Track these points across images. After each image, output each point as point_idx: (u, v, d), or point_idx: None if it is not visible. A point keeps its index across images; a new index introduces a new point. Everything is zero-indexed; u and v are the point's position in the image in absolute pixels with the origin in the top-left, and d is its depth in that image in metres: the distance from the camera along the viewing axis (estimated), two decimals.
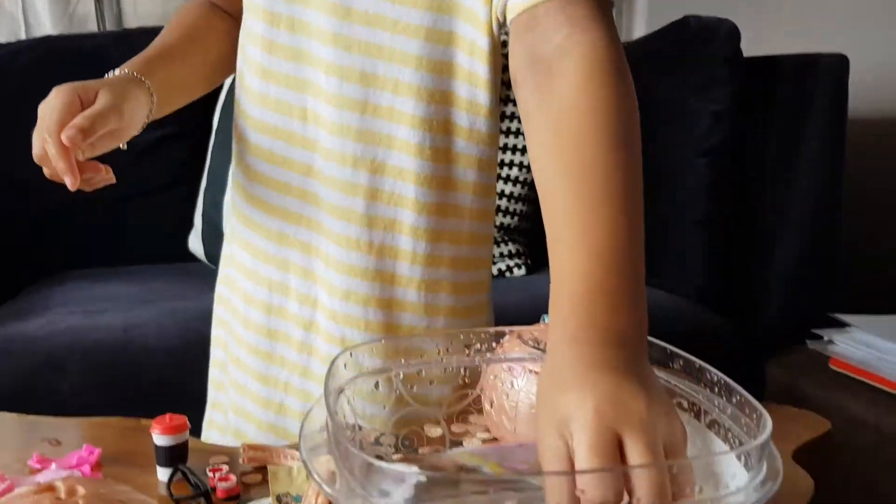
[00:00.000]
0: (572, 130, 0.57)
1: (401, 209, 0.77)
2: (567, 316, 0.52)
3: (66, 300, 1.47)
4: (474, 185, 0.79)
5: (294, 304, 0.82)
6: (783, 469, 0.45)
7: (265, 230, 0.83)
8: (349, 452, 0.45)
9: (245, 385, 0.86)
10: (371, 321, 0.79)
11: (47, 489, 0.52)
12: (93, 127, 0.68)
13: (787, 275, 1.54)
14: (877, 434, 1.22)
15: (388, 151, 0.76)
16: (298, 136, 0.79)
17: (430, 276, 0.79)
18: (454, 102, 0.76)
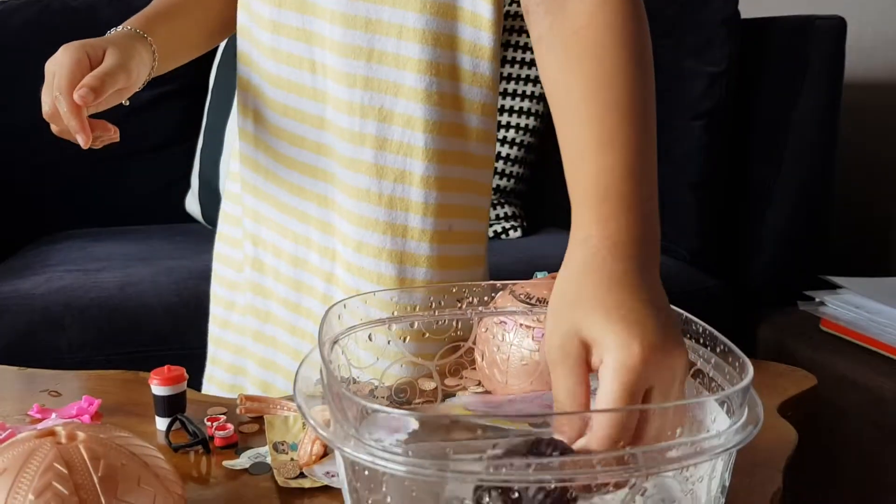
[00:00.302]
0: (589, 45, 0.57)
1: (410, 158, 0.78)
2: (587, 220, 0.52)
3: (63, 259, 1.48)
4: (477, 131, 0.79)
5: (315, 256, 0.84)
6: (768, 421, 0.46)
7: (286, 183, 0.84)
8: (344, 397, 0.46)
9: (275, 337, 0.87)
10: (384, 274, 0.80)
11: (48, 434, 0.54)
12: (103, 86, 0.69)
13: (780, 237, 1.55)
14: (865, 394, 1.24)
15: (396, 99, 0.77)
16: (309, 89, 0.80)
17: (441, 227, 0.80)
18: (458, 46, 0.77)
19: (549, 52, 0.59)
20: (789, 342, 1.41)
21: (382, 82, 0.77)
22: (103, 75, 0.70)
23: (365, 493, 0.45)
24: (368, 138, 0.78)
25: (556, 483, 0.40)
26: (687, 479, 0.44)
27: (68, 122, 0.69)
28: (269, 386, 0.88)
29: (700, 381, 0.52)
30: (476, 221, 0.83)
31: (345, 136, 0.78)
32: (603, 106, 0.55)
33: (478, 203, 0.83)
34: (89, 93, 0.67)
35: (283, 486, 0.60)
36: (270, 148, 0.85)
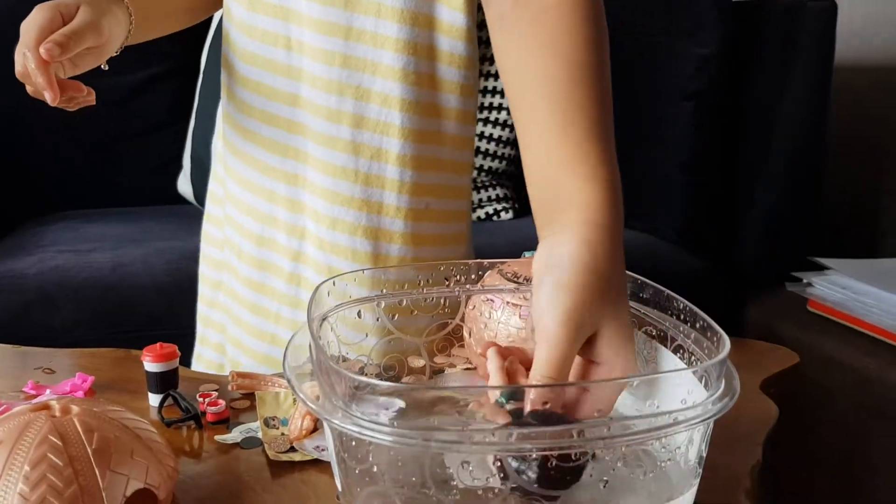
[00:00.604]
0: (559, 25, 0.58)
1: (386, 137, 0.79)
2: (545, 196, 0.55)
3: (56, 240, 1.48)
4: (456, 111, 0.80)
5: (282, 235, 0.84)
6: (750, 397, 0.47)
7: (253, 161, 0.84)
8: (333, 373, 0.47)
9: (239, 316, 0.88)
10: (358, 250, 0.81)
11: (43, 408, 0.55)
12: (69, 42, 0.68)
13: (769, 218, 1.57)
14: (850, 374, 1.26)
15: (373, 78, 0.78)
16: (283, 66, 0.80)
17: (416, 205, 0.81)
18: (435, 26, 0.78)
19: (514, 31, 0.60)
20: (777, 323, 1.42)
21: (360, 60, 0.77)
22: (71, 32, 0.69)
23: (353, 464, 0.46)
24: (346, 116, 0.78)
25: None
26: (665, 448, 0.45)
27: (35, 78, 0.68)
28: (237, 365, 0.89)
29: (680, 357, 0.53)
30: (455, 200, 0.84)
31: (321, 113, 0.79)
32: (577, 86, 0.56)
33: (457, 182, 0.84)
34: (55, 47, 0.67)
35: (274, 459, 0.61)
36: (240, 126, 0.85)
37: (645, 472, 0.45)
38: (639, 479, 0.44)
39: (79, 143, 1.77)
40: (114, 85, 1.74)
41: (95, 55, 0.74)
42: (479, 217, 1.72)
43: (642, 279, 0.60)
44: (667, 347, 0.55)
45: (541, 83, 0.57)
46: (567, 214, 0.53)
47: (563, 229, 0.53)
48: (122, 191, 1.82)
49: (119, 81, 1.75)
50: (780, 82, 1.54)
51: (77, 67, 0.72)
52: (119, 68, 1.95)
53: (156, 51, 1.83)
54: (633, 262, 0.58)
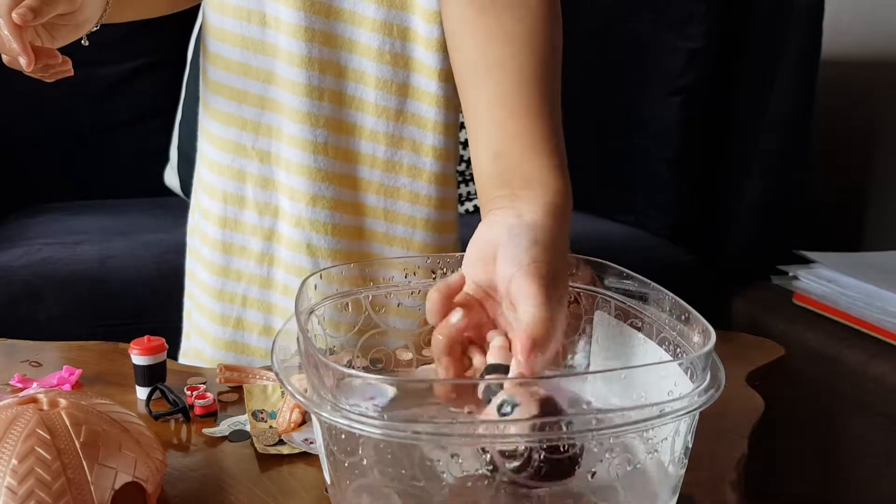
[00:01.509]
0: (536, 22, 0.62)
1: (361, 113, 0.81)
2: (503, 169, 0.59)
3: (42, 232, 1.47)
4: (436, 96, 0.81)
5: (252, 214, 0.84)
6: (735, 390, 0.48)
7: (222, 141, 0.84)
8: (321, 366, 0.47)
9: (201, 301, 0.88)
10: (338, 225, 0.82)
11: (30, 401, 0.54)
12: (42, 7, 0.68)
13: (756, 212, 1.57)
14: (834, 366, 1.27)
15: (350, 55, 0.79)
16: (257, 42, 0.80)
17: (388, 182, 0.83)
18: (412, 8, 0.79)
19: (491, 10, 0.63)
20: (763, 316, 1.43)
21: (339, 38, 0.79)
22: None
23: (342, 457, 0.46)
24: (327, 93, 0.80)
25: None
26: (650, 440, 0.46)
27: (9, 45, 0.68)
28: (201, 354, 0.88)
29: (666, 349, 0.54)
30: (436, 186, 0.84)
31: (299, 90, 0.79)
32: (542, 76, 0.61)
33: (438, 168, 0.84)
34: (28, 12, 0.66)
35: (263, 452, 0.61)
36: (211, 106, 0.85)
37: (631, 464, 0.45)
38: (625, 471, 0.45)
39: (65, 134, 1.76)
40: (100, 76, 1.73)
41: (72, 27, 0.72)
42: (468, 210, 1.72)
43: (627, 271, 0.60)
44: (652, 339, 0.56)
45: (512, 70, 0.61)
46: (534, 192, 0.57)
47: (530, 204, 0.56)
48: (109, 182, 1.81)
49: (105, 73, 1.74)
50: (767, 77, 1.54)
51: (55, 40, 0.71)
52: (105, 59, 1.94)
53: (142, 42, 1.83)
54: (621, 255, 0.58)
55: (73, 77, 0.73)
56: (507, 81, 0.60)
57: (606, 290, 0.61)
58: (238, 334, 0.86)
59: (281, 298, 0.84)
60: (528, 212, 0.55)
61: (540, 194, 0.56)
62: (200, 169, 0.88)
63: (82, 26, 0.74)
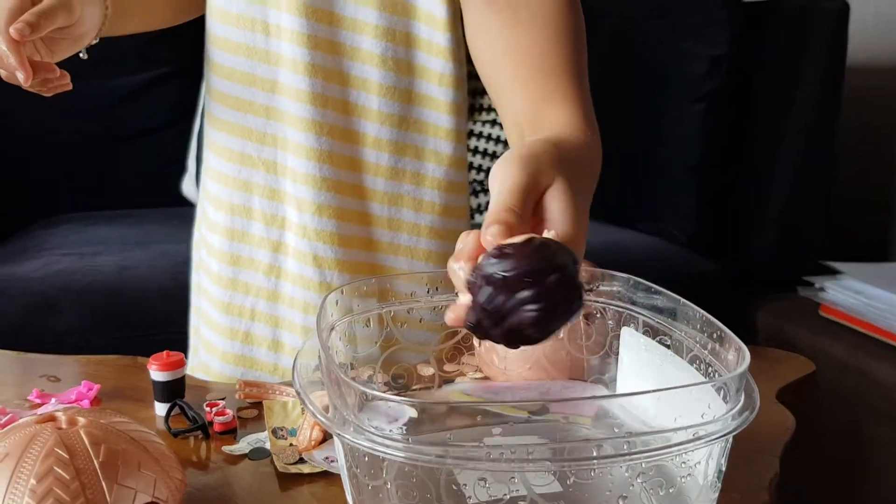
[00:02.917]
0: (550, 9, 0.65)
1: (364, 120, 0.80)
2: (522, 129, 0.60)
3: (60, 243, 1.48)
4: (440, 101, 0.80)
5: (259, 226, 0.83)
6: (766, 407, 0.46)
7: (227, 152, 0.83)
8: (343, 384, 0.46)
9: (209, 315, 0.87)
10: (344, 235, 0.81)
11: (49, 419, 0.54)
12: (39, 21, 0.67)
13: (780, 221, 1.55)
14: (862, 378, 1.24)
15: (352, 62, 0.79)
16: (261, 51, 0.80)
17: (392, 190, 0.82)
18: (414, 14, 0.78)
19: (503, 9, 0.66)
20: (789, 327, 1.41)
21: (341, 45, 0.78)
22: (40, 11, 0.68)
23: (365, 479, 0.45)
24: (331, 101, 0.79)
25: None
26: (684, 463, 0.44)
27: (7, 60, 0.67)
28: (208, 368, 0.87)
29: (697, 368, 0.52)
30: (441, 193, 0.83)
31: (304, 98, 0.79)
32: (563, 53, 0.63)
33: (444, 175, 0.83)
34: (25, 27, 0.66)
35: (283, 471, 0.60)
36: (215, 117, 0.84)
37: (664, 488, 0.43)
38: (658, 495, 0.43)
39: (83, 145, 1.77)
40: (118, 87, 1.74)
41: (71, 40, 0.72)
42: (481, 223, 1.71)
43: (656, 287, 0.59)
44: (682, 357, 0.54)
45: (526, 49, 0.63)
46: (543, 133, 0.58)
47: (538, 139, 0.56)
48: (126, 193, 1.82)
49: (123, 83, 1.75)
50: (791, 84, 1.52)
51: (54, 54, 0.71)
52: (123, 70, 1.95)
53: (160, 53, 1.83)
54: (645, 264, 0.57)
55: (91, 89, 0.73)
56: (524, 58, 0.63)
57: (634, 305, 0.59)
58: (247, 348, 0.85)
59: (288, 311, 0.83)
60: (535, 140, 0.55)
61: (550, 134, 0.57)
62: (206, 181, 0.87)
63: (81, 40, 0.73)
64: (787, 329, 1.40)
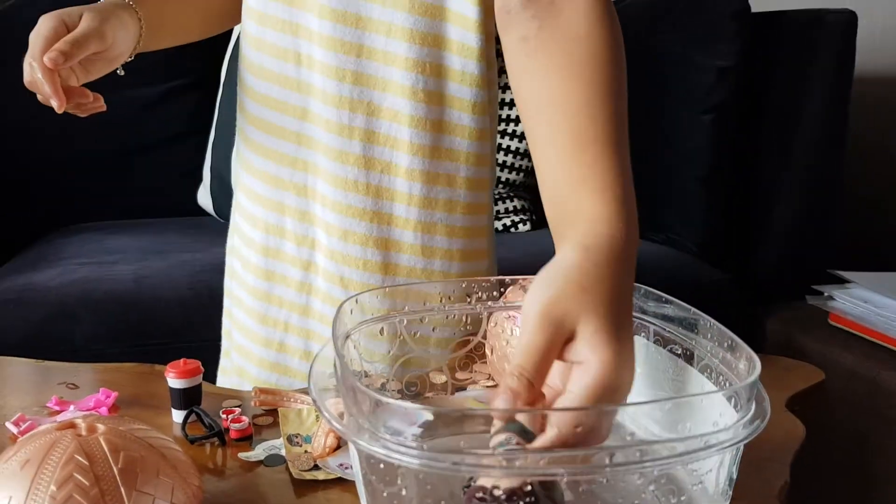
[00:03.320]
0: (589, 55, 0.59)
1: (396, 151, 0.80)
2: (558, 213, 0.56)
3: (78, 252, 1.49)
4: (469, 128, 0.81)
5: (291, 245, 0.84)
6: (776, 416, 0.47)
7: (261, 173, 0.85)
8: (358, 391, 0.47)
9: (247, 326, 0.88)
10: (369, 261, 0.81)
11: (68, 426, 0.55)
12: (72, 49, 0.69)
13: (788, 230, 1.55)
14: (872, 387, 1.24)
15: (383, 94, 0.79)
16: (293, 80, 0.81)
17: (425, 218, 0.81)
18: (446, 46, 0.78)
19: (539, 56, 0.61)
20: (798, 336, 1.41)
21: (371, 77, 0.78)
22: (74, 39, 0.71)
23: (380, 486, 0.46)
24: (357, 131, 0.79)
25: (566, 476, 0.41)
26: (695, 471, 0.45)
27: (42, 87, 0.70)
28: (244, 372, 0.89)
29: (707, 376, 0.53)
30: (470, 216, 0.84)
31: (332, 128, 0.79)
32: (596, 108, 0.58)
33: (472, 198, 0.83)
34: (59, 56, 0.68)
35: (298, 477, 0.61)
36: (250, 139, 0.86)
37: (676, 496, 0.44)
38: (670, 502, 0.44)
39: (100, 155, 1.78)
40: (135, 97, 1.76)
41: (105, 61, 0.74)
42: (497, 229, 1.72)
43: (667, 296, 0.59)
44: (693, 367, 0.55)
45: (561, 104, 0.58)
46: (575, 228, 0.54)
47: (569, 242, 0.53)
48: (144, 203, 1.83)
49: (140, 94, 1.77)
50: (798, 94, 1.53)
51: (89, 74, 0.73)
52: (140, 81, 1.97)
53: (177, 63, 1.85)
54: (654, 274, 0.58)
55: (109, 99, 0.75)
56: (559, 119, 0.58)
57: (644, 314, 0.60)
58: (281, 356, 0.86)
59: (318, 325, 0.84)
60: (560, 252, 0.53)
61: (579, 230, 0.53)
62: (240, 197, 0.89)
63: (116, 60, 0.76)
64: (797, 338, 1.41)
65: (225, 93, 1.75)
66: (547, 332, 0.48)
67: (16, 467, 0.51)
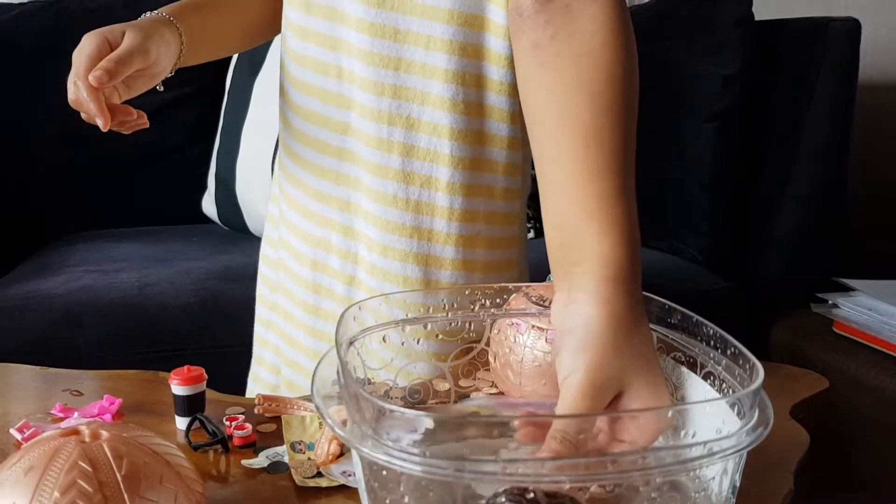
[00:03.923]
0: (601, 69, 0.57)
1: (436, 165, 0.79)
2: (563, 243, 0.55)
3: (82, 259, 1.50)
4: (507, 139, 0.80)
5: (336, 259, 0.85)
6: (780, 424, 0.47)
7: (306, 187, 0.85)
8: (361, 399, 0.47)
9: (296, 338, 0.89)
10: (409, 277, 0.81)
11: (72, 433, 0.55)
12: (117, 67, 0.70)
13: (793, 239, 1.55)
14: (878, 396, 1.24)
15: (423, 108, 0.78)
16: (334, 95, 0.81)
17: (466, 232, 0.81)
18: (485, 56, 0.78)
19: (550, 66, 0.59)
20: (802, 344, 1.41)
21: (410, 91, 0.78)
22: (117, 57, 0.71)
23: (382, 493, 0.46)
24: (396, 145, 0.79)
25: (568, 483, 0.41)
26: (699, 478, 0.45)
27: (87, 106, 0.70)
28: (294, 385, 0.90)
29: (711, 384, 0.53)
30: (506, 226, 0.84)
31: (371, 142, 0.79)
32: (608, 134, 0.55)
33: (508, 209, 0.83)
34: (104, 74, 0.69)
35: (301, 485, 0.61)
36: (293, 152, 0.86)
37: (679, 503, 0.44)
38: None
39: (104, 163, 1.79)
40: (140, 105, 1.76)
41: (147, 77, 0.76)
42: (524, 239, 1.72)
43: (670, 304, 0.59)
44: (696, 374, 0.55)
45: (571, 126, 0.56)
46: (584, 268, 0.52)
47: (580, 286, 0.52)
48: (148, 210, 1.84)
49: (145, 102, 1.77)
50: (802, 102, 1.53)
51: (131, 90, 0.74)
52: None
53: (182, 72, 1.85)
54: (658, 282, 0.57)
55: None
56: (568, 143, 0.56)
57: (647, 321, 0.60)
58: None
59: None
60: (576, 301, 0.52)
61: (591, 272, 0.52)
62: (289, 213, 0.88)
63: (158, 76, 0.77)
64: (801, 345, 1.40)
65: (230, 101, 1.76)
66: (594, 400, 0.49)
67: (19, 474, 0.51)
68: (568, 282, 0.53)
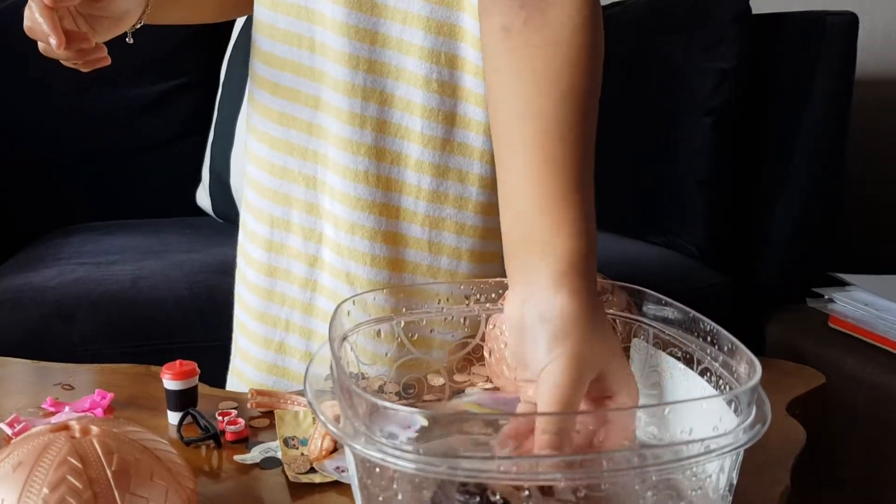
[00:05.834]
0: (569, 62, 0.57)
1: (407, 142, 0.79)
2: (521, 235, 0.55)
3: (75, 252, 1.49)
4: (484, 124, 0.79)
5: (297, 239, 0.83)
6: (776, 419, 0.46)
7: (270, 165, 0.84)
8: (354, 394, 0.46)
9: (245, 324, 0.87)
10: (377, 255, 0.80)
11: (62, 428, 0.54)
12: None
13: (789, 234, 1.55)
14: (873, 391, 1.24)
15: (396, 83, 0.78)
16: (306, 68, 0.80)
17: (432, 213, 0.80)
18: (461, 36, 0.77)
19: (519, 52, 0.58)
20: (798, 339, 1.40)
21: (385, 66, 0.77)
22: None
23: (375, 490, 0.45)
24: (370, 121, 0.78)
25: None
26: (696, 476, 0.44)
27: (41, 28, 0.68)
28: (242, 374, 0.88)
29: (707, 380, 0.52)
30: (480, 216, 0.82)
31: (343, 117, 0.78)
32: (570, 129, 0.56)
33: (485, 198, 0.82)
34: None
35: (294, 480, 0.60)
36: (259, 130, 0.84)
37: (675, 501, 0.44)
38: None
39: (98, 155, 1.78)
40: (134, 97, 1.75)
41: (113, 20, 0.72)
42: None
43: (666, 299, 0.59)
44: (693, 370, 0.54)
45: (534, 115, 0.56)
46: (545, 262, 0.53)
47: (544, 278, 0.52)
48: (142, 203, 1.83)
49: (139, 94, 1.76)
50: (799, 96, 1.52)
51: (96, 33, 0.71)
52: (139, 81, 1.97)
53: (176, 64, 1.85)
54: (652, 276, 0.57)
55: (107, 98, 0.74)
56: (530, 134, 0.56)
57: (644, 317, 0.60)
58: (280, 358, 0.85)
59: (321, 325, 0.83)
60: (544, 290, 0.52)
61: (553, 267, 0.52)
62: (248, 192, 0.87)
63: (122, 20, 0.74)
64: (797, 341, 1.40)
65: (224, 93, 1.75)
66: (578, 385, 0.50)
67: (8, 469, 0.50)
68: (526, 273, 0.54)
